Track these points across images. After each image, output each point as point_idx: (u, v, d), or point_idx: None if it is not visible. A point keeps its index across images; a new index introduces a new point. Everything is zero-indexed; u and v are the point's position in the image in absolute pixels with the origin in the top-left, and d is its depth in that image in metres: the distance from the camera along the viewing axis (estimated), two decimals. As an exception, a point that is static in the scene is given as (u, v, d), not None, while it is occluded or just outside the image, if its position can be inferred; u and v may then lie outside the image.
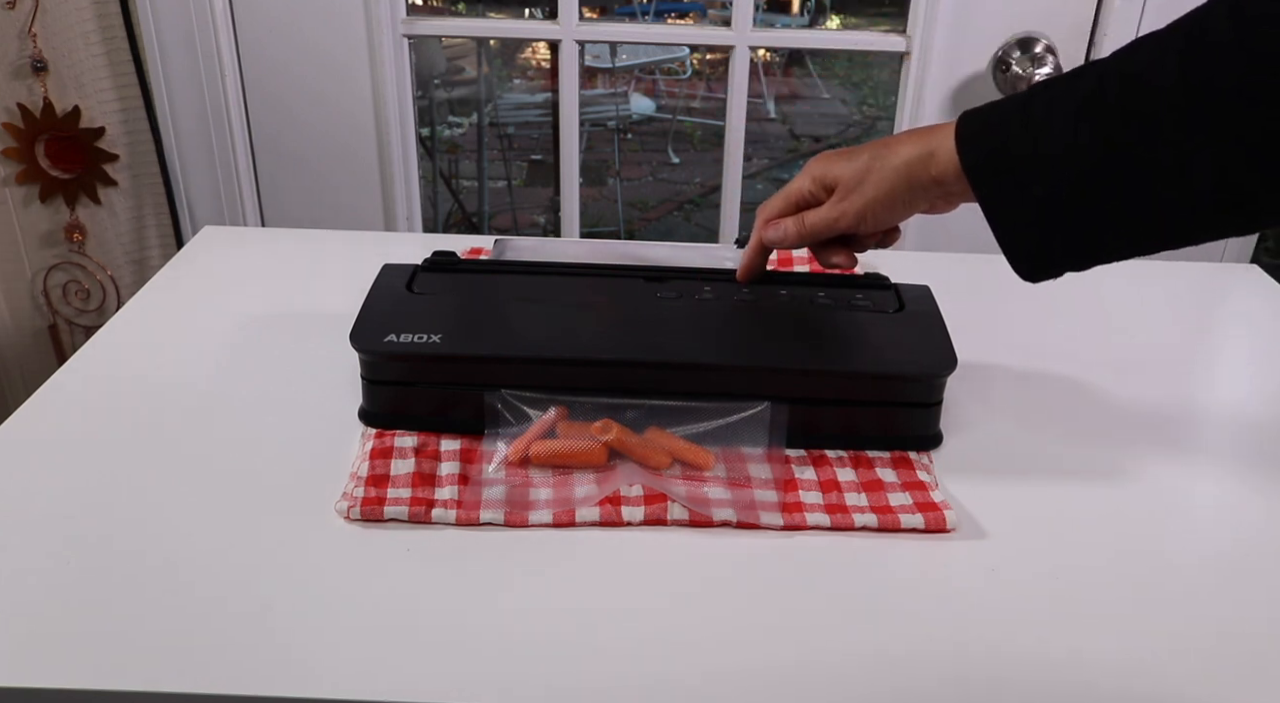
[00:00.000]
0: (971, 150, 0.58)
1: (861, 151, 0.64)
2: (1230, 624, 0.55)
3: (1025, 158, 0.55)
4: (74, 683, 0.49)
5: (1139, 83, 0.51)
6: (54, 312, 1.37)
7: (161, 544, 0.59)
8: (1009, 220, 0.57)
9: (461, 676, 0.50)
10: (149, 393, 0.74)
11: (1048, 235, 0.56)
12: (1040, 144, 0.55)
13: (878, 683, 0.51)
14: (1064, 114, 0.54)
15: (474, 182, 2.96)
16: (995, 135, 0.57)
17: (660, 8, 3.76)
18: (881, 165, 0.62)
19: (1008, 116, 0.57)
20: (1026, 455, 0.69)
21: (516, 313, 0.71)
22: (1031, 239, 0.57)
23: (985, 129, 0.58)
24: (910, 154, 0.61)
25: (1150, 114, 0.51)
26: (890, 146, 0.62)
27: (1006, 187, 0.56)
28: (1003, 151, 0.56)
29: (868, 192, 0.63)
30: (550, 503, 0.62)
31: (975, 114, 0.59)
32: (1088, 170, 0.53)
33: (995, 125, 0.58)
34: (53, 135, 1.24)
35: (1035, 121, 0.55)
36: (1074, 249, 0.56)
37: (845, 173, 0.64)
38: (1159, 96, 0.51)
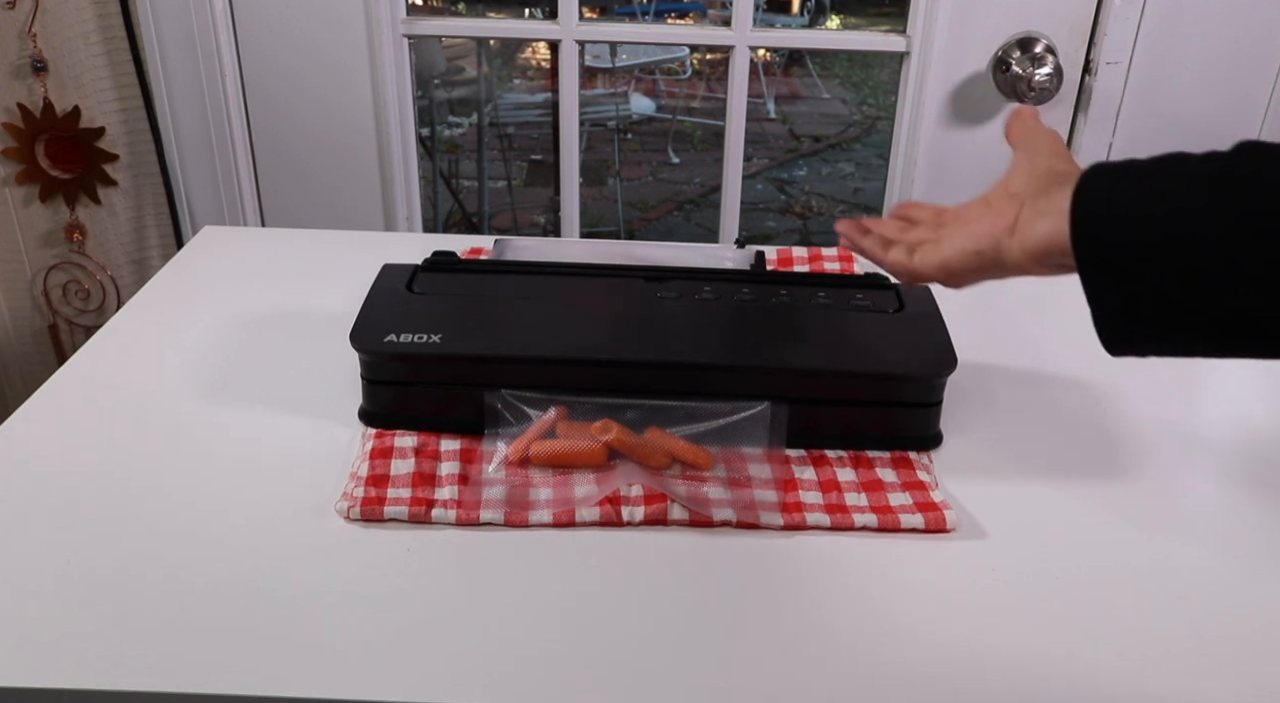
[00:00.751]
0: (1087, 215, 0.50)
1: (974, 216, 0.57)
2: (1230, 624, 0.55)
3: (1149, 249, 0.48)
4: (74, 683, 0.49)
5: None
6: (54, 312, 1.37)
7: (161, 544, 0.59)
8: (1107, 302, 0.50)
9: (461, 676, 0.50)
10: (149, 393, 0.74)
11: (1150, 330, 0.49)
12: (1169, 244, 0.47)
13: (878, 683, 0.51)
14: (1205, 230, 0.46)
15: (474, 181, 2.96)
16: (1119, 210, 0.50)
17: (660, 8, 3.76)
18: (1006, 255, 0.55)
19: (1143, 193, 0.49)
20: (1026, 455, 0.69)
21: (516, 313, 0.71)
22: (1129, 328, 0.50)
23: (1108, 197, 0.50)
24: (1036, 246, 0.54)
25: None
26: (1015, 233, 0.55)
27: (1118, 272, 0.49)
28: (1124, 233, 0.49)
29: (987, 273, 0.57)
30: (550, 503, 0.62)
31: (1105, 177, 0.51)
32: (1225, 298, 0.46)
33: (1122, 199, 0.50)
34: (53, 135, 1.24)
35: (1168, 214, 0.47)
36: (1174, 346, 0.49)
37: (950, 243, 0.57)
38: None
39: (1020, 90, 1.16)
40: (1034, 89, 1.15)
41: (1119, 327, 0.50)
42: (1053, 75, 1.15)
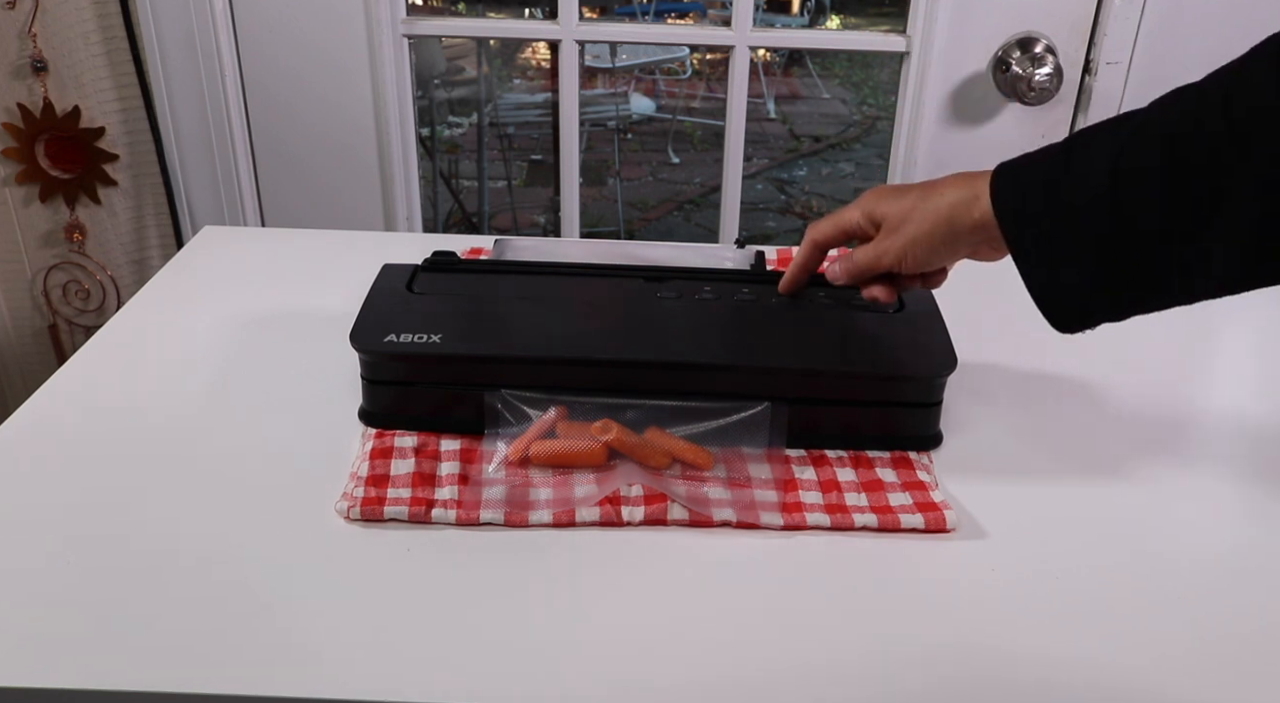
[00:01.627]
0: (1004, 197, 0.57)
1: (910, 191, 0.64)
2: (1230, 624, 0.55)
3: (1058, 209, 0.55)
4: (74, 683, 0.49)
5: (1179, 141, 0.51)
6: (54, 312, 1.37)
7: (161, 544, 0.59)
8: (1038, 271, 0.56)
9: (461, 676, 0.50)
10: (149, 393, 0.74)
11: (1079, 288, 0.55)
12: (1074, 196, 0.54)
13: (878, 683, 0.51)
14: (1100, 170, 0.53)
15: (474, 182, 2.96)
16: (1029, 184, 0.57)
17: (660, 8, 3.76)
18: (924, 206, 0.62)
19: (1043, 166, 0.57)
20: (1026, 455, 0.69)
21: (516, 313, 0.71)
22: (1062, 291, 0.56)
23: (1019, 177, 0.58)
24: (954, 197, 0.60)
25: (1192, 171, 0.50)
26: (936, 188, 0.62)
27: (1036, 237, 0.56)
28: (1035, 200, 0.56)
29: (909, 232, 0.63)
30: (550, 503, 0.62)
31: (1012, 164, 0.59)
32: (1123, 227, 0.53)
33: (1030, 177, 0.57)
34: (53, 135, 1.24)
35: (1072, 174, 0.55)
36: (1109, 303, 0.56)
37: (891, 211, 0.64)
38: (1201, 154, 0.50)
39: (1020, 90, 1.16)
40: (1034, 89, 1.15)
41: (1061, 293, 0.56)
42: (1053, 75, 1.15)
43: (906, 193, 0.64)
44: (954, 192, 0.61)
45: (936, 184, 0.62)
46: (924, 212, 0.62)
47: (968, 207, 0.59)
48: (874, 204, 0.65)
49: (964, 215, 0.60)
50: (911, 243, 0.63)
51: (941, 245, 0.62)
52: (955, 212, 0.60)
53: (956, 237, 0.61)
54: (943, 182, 0.62)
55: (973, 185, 0.60)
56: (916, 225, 0.62)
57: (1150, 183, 0.52)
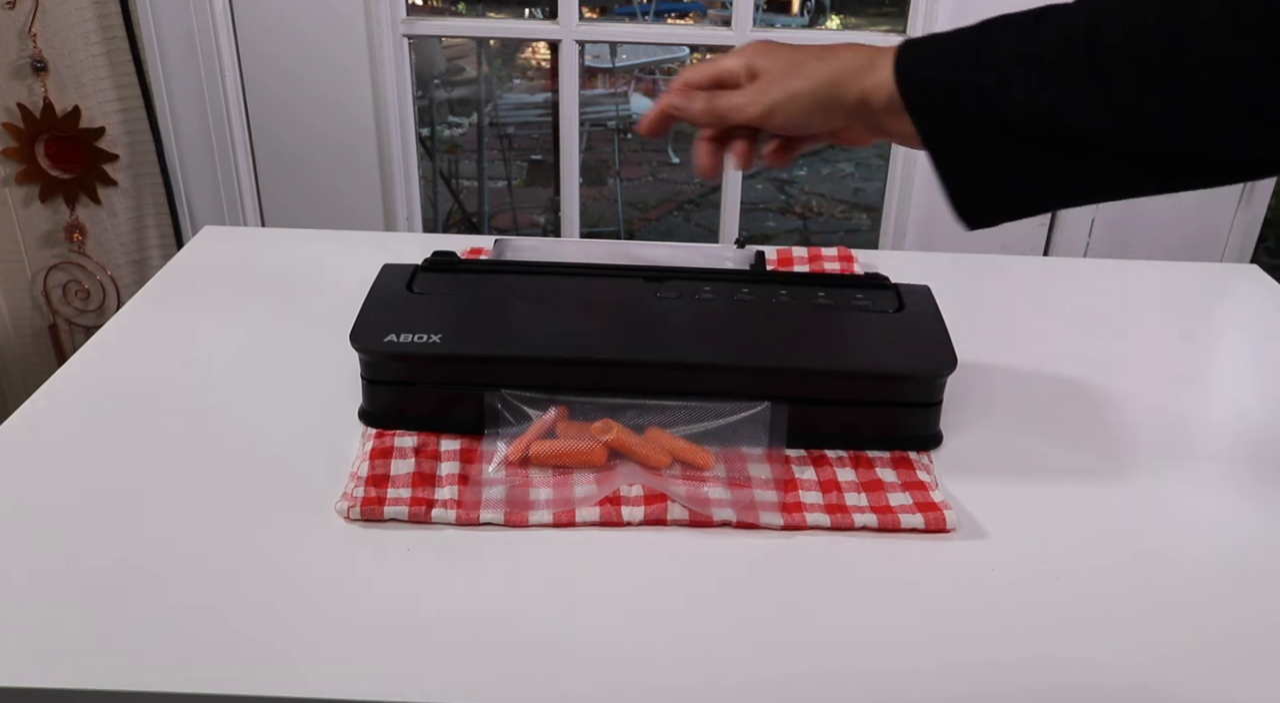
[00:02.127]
0: (913, 82, 0.55)
1: (800, 49, 0.60)
2: (1230, 624, 0.55)
3: (974, 99, 0.53)
4: (74, 683, 0.49)
5: (1109, 35, 0.49)
6: (54, 312, 1.37)
7: (161, 544, 0.59)
8: (952, 163, 0.55)
9: (461, 676, 0.50)
10: (149, 393, 0.74)
11: (995, 180, 0.54)
12: (992, 88, 0.52)
13: (878, 683, 0.51)
14: (1021, 58, 0.51)
15: (474, 182, 2.96)
16: (939, 70, 0.54)
17: (660, 8, 3.76)
18: (813, 65, 0.58)
19: (956, 52, 0.54)
20: (1026, 455, 0.69)
21: (516, 313, 0.71)
22: (975, 179, 0.55)
23: (930, 63, 0.55)
24: (847, 62, 0.57)
25: (1122, 68, 0.49)
26: (830, 50, 0.59)
27: (949, 126, 0.54)
28: (948, 89, 0.54)
29: (789, 86, 0.59)
30: (550, 503, 0.62)
31: (919, 45, 0.56)
32: (1045, 120, 0.51)
33: (942, 62, 0.54)
34: (53, 135, 1.25)
35: (986, 62, 0.52)
36: (1021, 199, 0.55)
37: (774, 65, 0.60)
38: (1133, 54, 0.48)
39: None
40: (1034, 89, 1.14)
41: (971, 185, 0.55)
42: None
43: (796, 50, 0.60)
44: (848, 57, 0.58)
45: (831, 47, 0.59)
46: (810, 69, 0.58)
47: (857, 74, 0.57)
48: (758, 56, 0.61)
49: (853, 83, 0.57)
50: (787, 98, 0.59)
51: (819, 108, 0.58)
52: (844, 77, 0.57)
53: (836, 102, 0.58)
54: (838, 46, 0.59)
55: (871, 55, 0.57)
56: (799, 81, 0.58)
57: (1072, 78, 0.50)
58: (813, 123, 0.60)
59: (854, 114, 0.58)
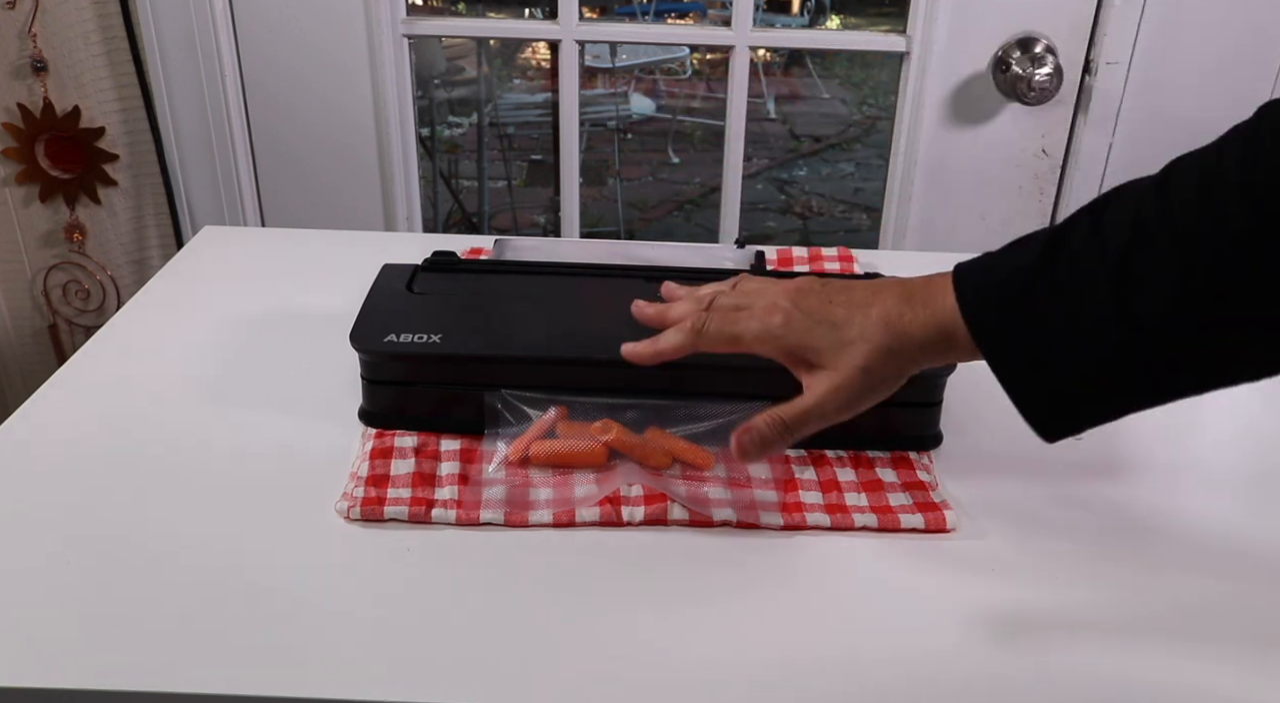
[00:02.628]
0: (985, 327, 0.51)
1: (843, 321, 0.54)
2: (1230, 625, 0.55)
3: (1055, 331, 0.49)
4: (74, 683, 0.49)
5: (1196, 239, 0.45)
6: (54, 312, 1.37)
7: (161, 544, 0.59)
8: (1038, 393, 0.51)
9: (462, 676, 0.50)
10: (149, 393, 0.74)
11: (1072, 397, 0.51)
12: (1071, 314, 0.48)
13: (878, 683, 0.51)
14: (1094, 276, 0.48)
15: (474, 181, 2.96)
16: (1014, 305, 0.50)
17: (660, 8, 3.76)
18: (890, 351, 0.53)
19: (1027, 280, 0.50)
20: (1026, 456, 0.69)
21: (516, 313, 0.71)
22: (1065, 405, 0.51)
23: (1001, 299, 0.51)
24: (924, 335, 0.53)
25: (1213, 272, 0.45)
26: (890, 323, 0.53)
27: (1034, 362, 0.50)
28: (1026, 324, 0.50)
29: (873, 380, 0.54)
30: (550, 503, 0.62)
31: (975, 277, 0.52)
32: (1144, 330, 0.47)
33: (1005, 291, 0.50)
34: (53, 135, 1.24)
35: (1062, 286, 0.49)
36: (1104, 413, 0.51)
37: (834, 353, 0.54)
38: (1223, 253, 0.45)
39: (1020, 90, 1.16)
40: (1034, 89, 1.15)
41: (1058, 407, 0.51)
42: (1052, 75, 1.15)
43: (839, 324, 0.54)
44: (919, 326, 0.53)
45: (877, 310, 0.54)
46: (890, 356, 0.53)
47: (942, 351, 0.53)
48: (797, 339, 0.55)
49: (939, 357, 0.54)
50: (873, 391, 0.55)
51: (904, 380, 0.55)
52: (932, 351, 0.53)
53: (931, 365, 0.55)
54: (885, 306, 0.54)
55: (940, 314, 0.52)
56: (880, 372, 0.54)
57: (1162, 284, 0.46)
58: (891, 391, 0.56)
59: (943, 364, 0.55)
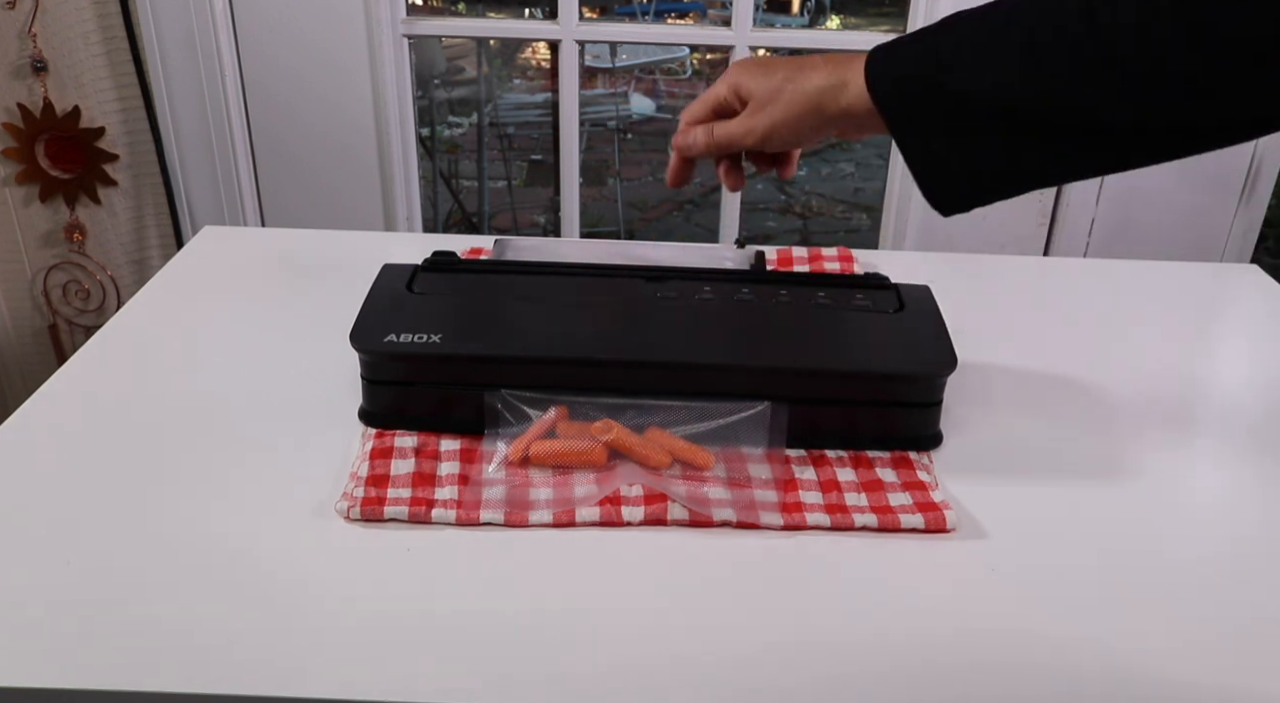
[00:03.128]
0: (884, 85, 0.59)
1: (777, 68, 0.64)
2: (1230, 623, 0.55)
3: (942, 94, 0.56)
4: (74, 683, 0.49)
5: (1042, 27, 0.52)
6: (54, 312, 1.37)
7: (161, 544, 0.59)
8: (924, 154, 0.58)
9: (461, 675, 0.50)
10: (149, 393, 0.74)
11: (964, 165, 0.57)
12: (957, 79, 0.55)
13: (878, 683, 0.51)
14: (973, 50, 0.55)
15: (474, 182, 2.96)
16: (909, 69, 0.58)
17: (660, 8, 3.76)
18: (793, 88, 0.63)
19: (919, 53, 0.58)
20: (1026, 455, 0.69)
21: (516, 313, 0.71)
22: (950, 173, 0.58)
23: (897, 64, 0.59)
24: (822, 82, 0.61)
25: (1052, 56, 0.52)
26: (804, 70, 0.63)
27: (921, 123, 0.58)
28: (917, 86, 0.57)
29: (776, 113, 0.64)
30: (550, 503, 0.62)
31: (885, 45, 0.60)
32: (1011, 106, 0.54)
33: (908, 59, 0.58)
34: (53, 135, 1.25)
35: (945, 58, 0.56)
36: (992, 185, 0.58)
37: (759, 89, 0.64)
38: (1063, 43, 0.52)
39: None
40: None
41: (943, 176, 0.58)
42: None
43: (774, 70, 0.64)
44: (822, 76, 0.62)
45: (804, 64, 0.63)
46: (792, 93, 0.63)
47: (836, 92, 0.61)
48: (740, 78, 0.66)
49: (832, 101, 0.61)
50: (778, 124, 0.64)
51: (808, 129, 0.63)
52: (824, 97, 0.61)
53: (823, 120, 0.62)
54: (811, 62, 0.63)
55: (841, 70, 0.61)
56: (784, 107, 0.63)
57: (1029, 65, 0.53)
58: (805, 140, 0.66)
59: (840, 125, 0.63)
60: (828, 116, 0.62)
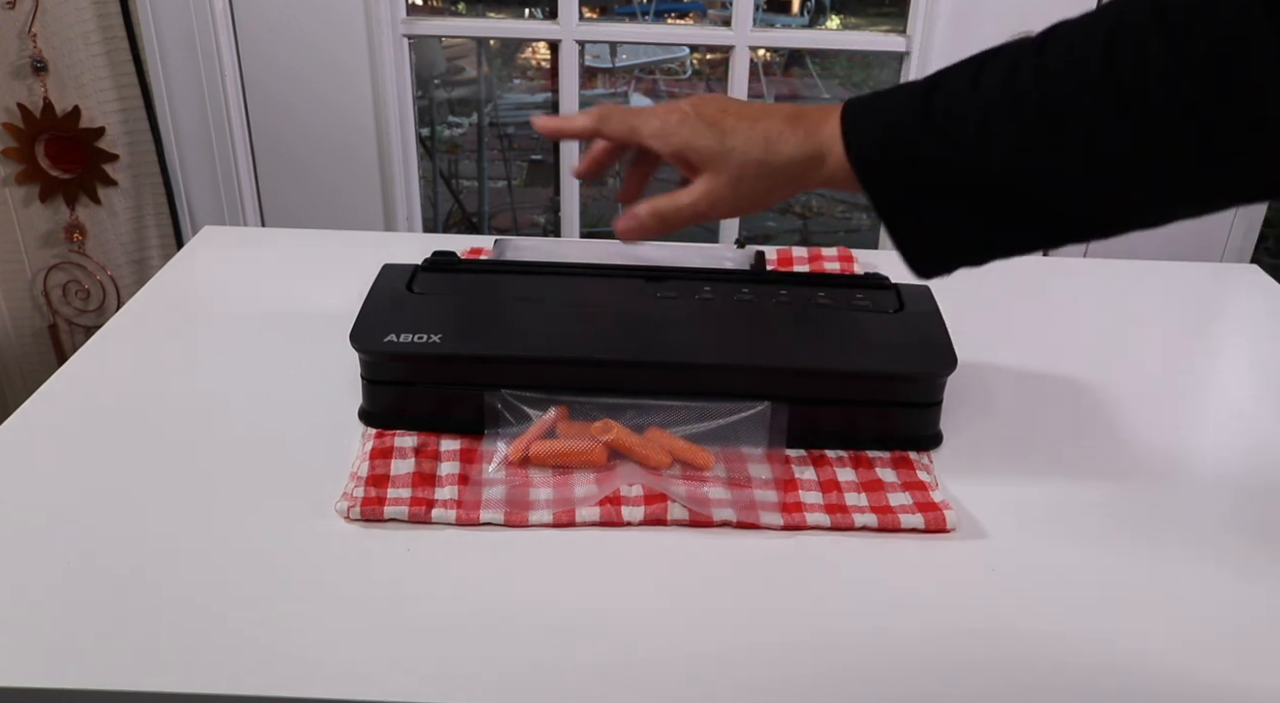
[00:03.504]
0: (866, 159, 0.53)
1: (730, 129, 0.56)
2: (1230, 623, 0.55)
3: (928, 166, 0.51)
4: (74, 683, 0.49)
5: (1057, 84, 0.47)
6: (54, 312, 1.37)
7: (161, 544, 0.59)
8: (911, 229, 0.53)
9: (461, 675, 0.50)
10: (149, 393, 0.74)
11: (953, 241, 0.53)
12: (944, 153, 0.50)
13: (877, 683, 0.51)
14: (971, 119, 0.49)
15: (474, 182, 2.96)
16: (891, 143, 0.52)
17: (660, 8, 3.76)
18: (762, 163, 0.55)
19: (903, 120, 0.52)
20: (1026, 455, 0.69)
21: (516, 313, 0.71)
22: (934, 244, 0.53)
23: (878, 135, 0.53)
24: (796, 154, 0.55)
25: (1073, 116, 0.46)
26: (770, 138, 0.55)
27: (907, 198, 0.52)
28: (901, 159, 0.52)
29: (743, 190, 0.56)
30: (550, 503, 0.62)
31: (865, 110, 0.54)
32: (1002, 179, 0.49)
33: (890, 132, 0.52)
34: (53, 135, 1.25)
35: (937, 126, 0.50)
36: (979, 253, 0.53)
37: (713, 157, 0.56)
38: (1083, 100, 0.46)
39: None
40: (1034, 89, 1.15)
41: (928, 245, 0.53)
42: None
43: (726, 133, 0.56)
44: (793, 146, 0.55)
45: (766, 129, 0.55)
46: (762, 170, 0.55)
47: (814, 165, 0.55)
48: (686, 138, 0.57)
49: (811, 175, 0.55)
50: (748, 203, 0.57)
51: (780, 198, 0.57)
52: (799, 170, 0.55)
53: (797, 190, 0.56)
54: (771, 126, 0.55)
55: (815, 139, 0.54)
56: (753, 184, 0.56)
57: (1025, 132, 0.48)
58: (771, 205, 0.59)
59: (807, 189, 0.57)
60: (803, 187, 0.56)
